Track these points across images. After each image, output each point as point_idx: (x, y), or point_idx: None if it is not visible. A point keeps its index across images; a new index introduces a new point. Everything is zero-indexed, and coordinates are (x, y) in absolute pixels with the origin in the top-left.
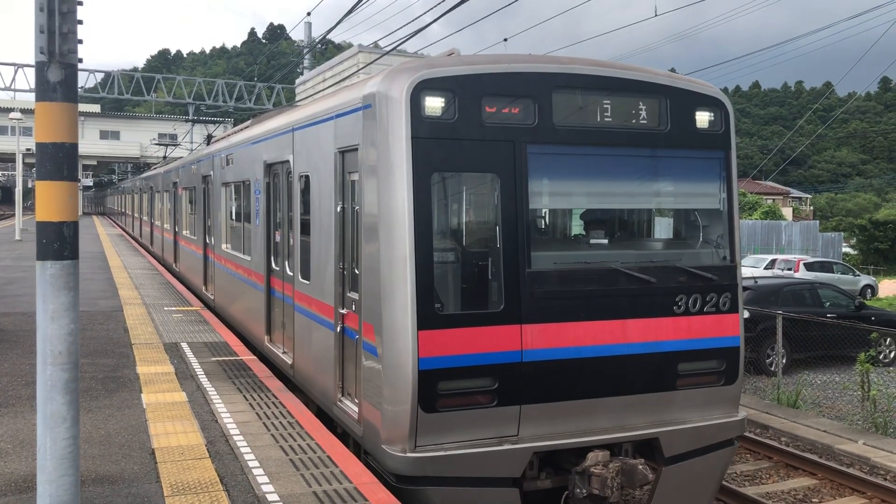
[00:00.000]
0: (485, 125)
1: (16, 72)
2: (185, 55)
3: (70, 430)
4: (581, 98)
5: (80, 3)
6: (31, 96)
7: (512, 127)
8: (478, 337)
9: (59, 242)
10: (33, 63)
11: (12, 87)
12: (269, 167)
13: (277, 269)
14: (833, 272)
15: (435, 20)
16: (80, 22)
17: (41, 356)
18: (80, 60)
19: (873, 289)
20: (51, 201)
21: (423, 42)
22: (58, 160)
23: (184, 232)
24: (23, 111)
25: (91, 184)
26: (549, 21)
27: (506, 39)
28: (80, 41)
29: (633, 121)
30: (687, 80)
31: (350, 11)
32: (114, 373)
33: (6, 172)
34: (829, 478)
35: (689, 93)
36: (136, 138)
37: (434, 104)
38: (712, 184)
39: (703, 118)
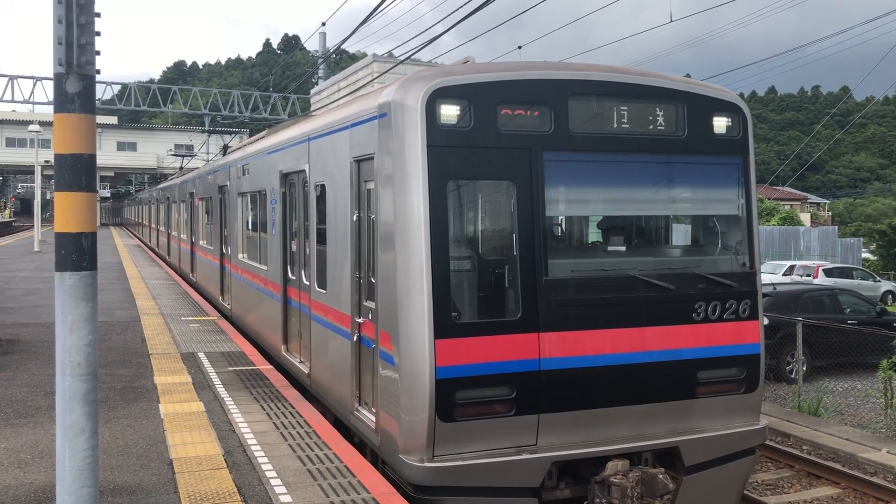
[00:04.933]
0: (501, 133)
1: (34, 84)
2: (200, 66)
3: (89, 441)
4: (597, 104)
5: (98, 15)
6: (49, 109)
7: (528, 134)
8: (495, 345)
9: (78, 253)
10: (52, 76)
11: (31, 99)
12: (285, 177)
13: (294, 278)
14: (853, 278)
15: (447, 31)
16: (98, 33)
17: (60, 367)
18: (98, 72)
19: (894, 294)
20: (69, 212)
21: (436, 52)
22: (76, 171)
23: (200, 242)
24: (41, 123)
25: (108, 195)
26: (560, 30)
27: (520, 47)
28: (98, 52)
29: (650, 127)
30: (704, 85)
31: (363, 22)
32: (131, 383)
33: (25, 184)
34: (852, 487)
35: (707, 98)
36: (153, 149)
37: (449, 112)
38: (731, 190)
39: (720, 124)
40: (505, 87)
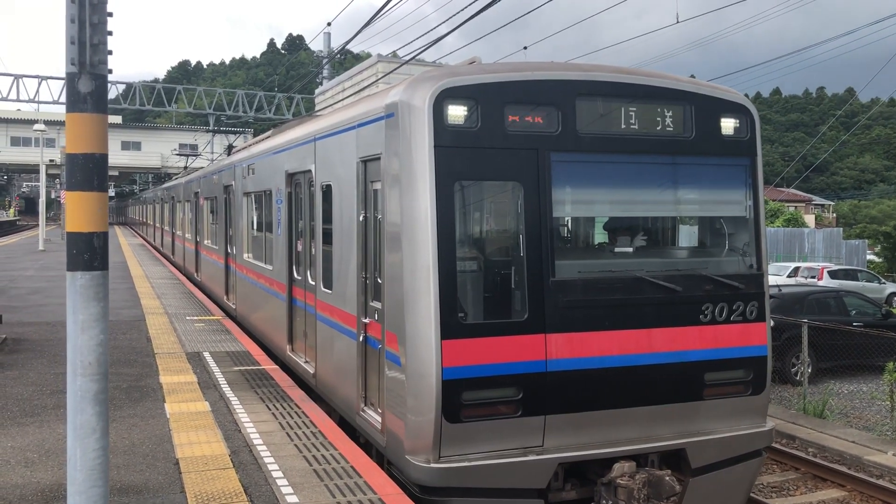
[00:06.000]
0: (508, 133)
1: (39, 84)
2: (205, 66)
3: (100, 441)
4: (604, 105)
5: (111, 15)
6: (54, 108)
7: (535, 135)
8: (502, 346)
9: (90, 253)
10: (57, 75)
11: (36, 98)
12: (291, 177)
13: (299, 278)
14: (857, 280)
15: (451, 31)
16: (111, 33)
17: (71, 367)
18: (110, 71)
19: None
20: (81, 212)
21: (440, 53)
22: (88, 171)
23: (205, 241)
24: (46, 123)
25: (113, 194)
26: (564, 31)
27: (525, 48)
28: (111, 52)
29: (658, 128)
30: (711, 86)
31: (368, 23)
32: (137, 382)
33: (30, 183)
34: (858, 489)
35: (714, 99)
36: (158, 149)
37: (457, 113)
38: (738, 191)
39: (728, 125)
40: (512, 88)
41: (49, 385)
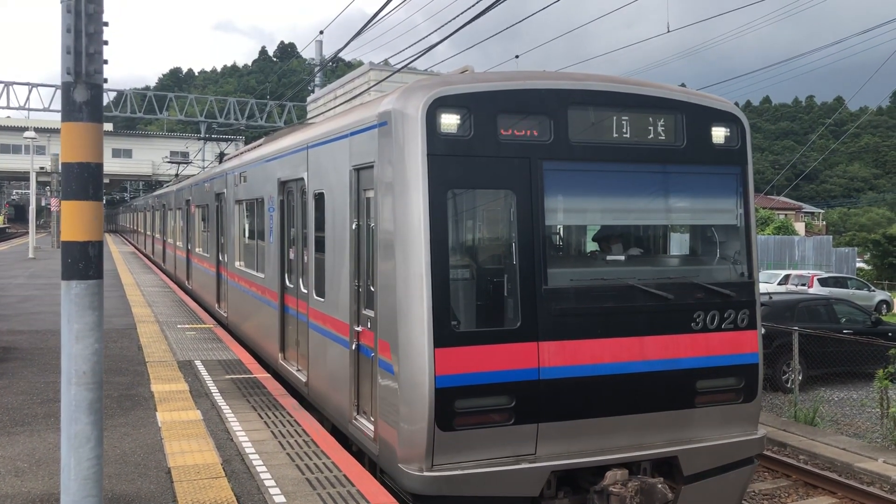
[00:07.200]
0: (500, 142)
1: (30, 91)
2: (196, 74)
3: (94, 451)
4: (596, 114)
5: (107, 24)
6: (44, 115)
7: (527, 143)
8: (494, 354)
9: (85, 262)
10: (47, 83)
11: (26, 106)
12: (284, 185)
13: (291, 286)
14: (847, 287)
15: (442, 41)
16: (106, 42)
17: (66, 376)
18: (106, 80)
19: (888, 304)
20: (76, 221)
21: (431, 61)
22: (83, 180)
23: (196, 249)
24: (37, 130)
25: (103, 201)
26: (555, 41)
27: (517, 56)
28: (106, 61)
29: (649, 137)
30: (702, 95)
31: (360, 31)
32: (129, 391)
33: (19, 191)
34: (849, 497)
35: (705, 108)
36: (149, 156)
37: (450, 121)
38: (729, 199)
39: (718, 134)
40: (504, 97)
41: (39, 394)
